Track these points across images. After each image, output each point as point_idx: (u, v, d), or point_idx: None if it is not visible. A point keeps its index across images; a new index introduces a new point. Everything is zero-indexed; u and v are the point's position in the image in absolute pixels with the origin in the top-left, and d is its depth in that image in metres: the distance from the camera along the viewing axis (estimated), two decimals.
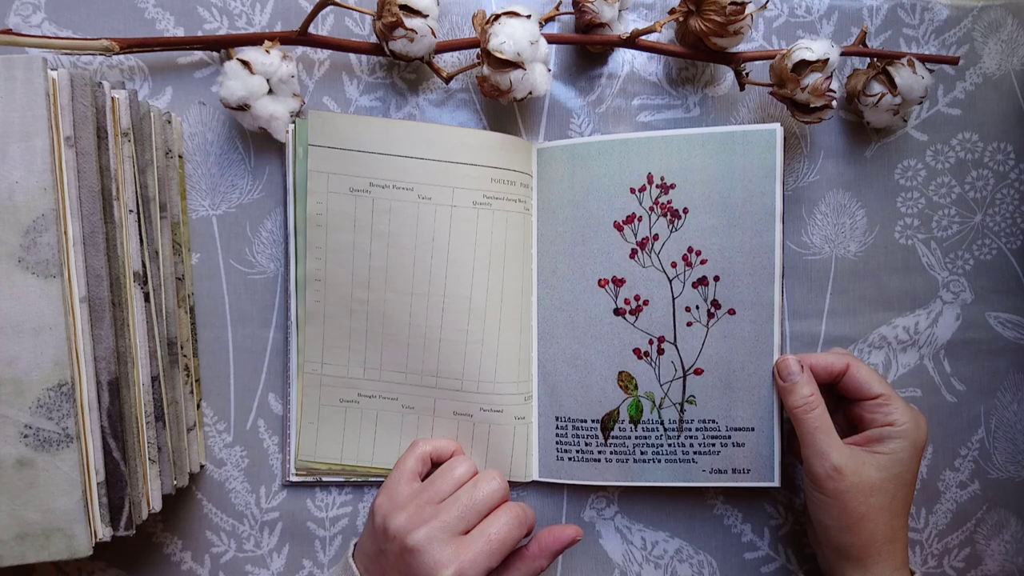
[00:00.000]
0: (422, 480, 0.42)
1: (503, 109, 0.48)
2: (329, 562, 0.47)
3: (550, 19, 0.45)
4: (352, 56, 0.47)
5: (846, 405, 0.44)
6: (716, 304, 0.44)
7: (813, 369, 0.42)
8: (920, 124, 0.49)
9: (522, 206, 0.46)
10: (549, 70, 0.44)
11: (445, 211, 0.44)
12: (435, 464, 0.44)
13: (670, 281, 0.45)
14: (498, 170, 0.45)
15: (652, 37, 0.44)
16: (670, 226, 0.45)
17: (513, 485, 0.47)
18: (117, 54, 0.43)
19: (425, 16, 0.42)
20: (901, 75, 0.44)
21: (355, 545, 0.43)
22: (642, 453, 0.45)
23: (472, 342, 0.45)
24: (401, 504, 0.40)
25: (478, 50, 0.43)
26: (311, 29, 0.44)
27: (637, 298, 0.45)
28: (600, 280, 0.45)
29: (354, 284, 0.45)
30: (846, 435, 0.41)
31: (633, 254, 0.45)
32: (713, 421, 0.45)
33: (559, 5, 0.45)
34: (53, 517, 0.35)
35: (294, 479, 0.46)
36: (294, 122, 0.45)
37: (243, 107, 0.42)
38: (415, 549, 0.37)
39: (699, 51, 0.45)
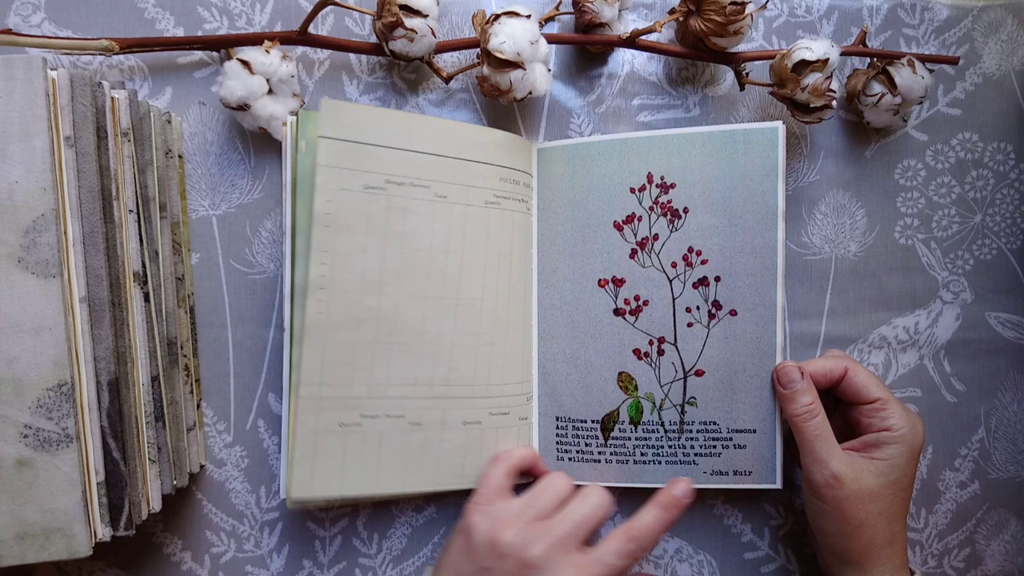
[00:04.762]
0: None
1: (503, 109, 0.47)
2: (329, 562, 0.47)
3: (550, 19, 0.45)
4: (352, 56, 0.47)
5: (843, 408, 0.44)
6: (717, 305, 0.44)
7: (812, 376, 0.42)
8: (920, 124, 0.48)
9: (524, 206, 0.46)
10: (549, 70, 0.44)
11: (460, 210, 0.43)
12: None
13: (670, 281, 0.45)
14: (506, 169, 0.44)
15: (652, 37, 0.44)
16: (670, 226, 0.45)
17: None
18: (117, 54, 0.43)
19: (425, 16, 0.42)
20: (901, 75, 0.44)
21: (431, 570, 0.42)
22: (642, 455, 0.45)
23: (483, 345, 0.44)
24: (506, 520, 0.39)
25: (478, 50, 0.43)
26: (311, 29, 0.44)
27: (637, 298, 0.45)
28: (600, 280, 0.45)
29: (363, 290, 0.41)
30: (843, 437, 0.41)
31: (633, 254, 0.45)
32: (714, 423, 0.44)
33: (559, 5, 0.45)
34: (53, 517, 0.34)
35: None
36: (295, 114, 0.44)
37: (243, 107, 0.42)
38: (534, 565, 0.37)
39: (699, 51, 0.45)
